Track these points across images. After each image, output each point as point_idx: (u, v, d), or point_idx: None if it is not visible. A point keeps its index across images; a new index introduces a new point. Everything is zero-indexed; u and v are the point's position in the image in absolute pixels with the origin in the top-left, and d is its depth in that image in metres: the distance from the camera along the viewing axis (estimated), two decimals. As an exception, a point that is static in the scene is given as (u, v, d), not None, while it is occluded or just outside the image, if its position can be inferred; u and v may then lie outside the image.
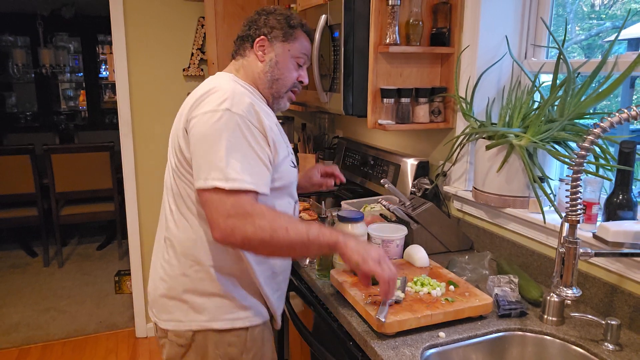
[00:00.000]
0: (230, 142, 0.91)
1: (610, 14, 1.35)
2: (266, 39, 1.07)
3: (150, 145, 2.41)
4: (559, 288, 0.95)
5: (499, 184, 1.27)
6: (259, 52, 1.08)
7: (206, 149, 0.92)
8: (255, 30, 1.08)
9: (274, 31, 1.07)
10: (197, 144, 0.94)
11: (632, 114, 0.82)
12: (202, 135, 0.93)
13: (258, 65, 1.08)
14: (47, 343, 2.49)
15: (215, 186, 0.89)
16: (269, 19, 1.08)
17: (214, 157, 0.91)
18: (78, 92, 5.44)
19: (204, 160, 0.92)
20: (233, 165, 0.90)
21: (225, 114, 0.93)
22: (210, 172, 0.90)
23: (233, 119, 0.93)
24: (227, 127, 0.92)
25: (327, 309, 1.17)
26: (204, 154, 0.92)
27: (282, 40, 1.08)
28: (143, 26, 2.31)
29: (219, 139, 0.91)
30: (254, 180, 0.92)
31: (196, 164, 0.94)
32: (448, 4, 1.42)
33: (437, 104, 1.48)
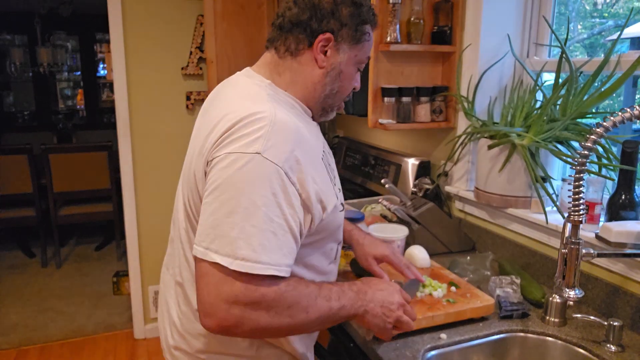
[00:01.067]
0: (253, 203, 0.66)
1: (612, 13, 1.34)
2: (333, 38, 0.79)
3: (148, 144, 2.40)
4: (561, 289, 0.94)
5: (501, 184, 1.26)
6: (319, 54, 0.79)
7: (216, 206, 0.67)
8: (321, 22, 0.77)
9: (344, 29, 0.79)
10: (209, 195, 0.69)
11: (634, 113, 0.81)
12: (216, 185, 0.68)
13: (315, 73, 0.80)
14: (45, 344, 2.47)
15: (215, 262, 0.66)
16: (340, 7, 0.78)
17: (224, 220, 0.66)
18: (76, 91, 5.42)
19: (210, 221, 0.68)
20: (248, 238, 0.66)
21: (254, 160, 0.67)
22: (215, 239, 0.66)
23: (264, 169, 0.67)
24: (253, 179, 0.67)
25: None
26: (212, 212, 0.68)
27: (350, 43, 0.80)
28: (141, 24, 2.30)
29: (237, 196, 0.66)
30: (273, 259, 0.67)
31: (201, 222, 0.69)
32: (449, 2, 1.41)
33: (438, 103, 1.47)
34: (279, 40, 0.81)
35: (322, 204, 0.76)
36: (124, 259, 3.33)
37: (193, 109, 2.44)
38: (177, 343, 0.86)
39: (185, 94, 2.41)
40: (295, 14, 0.79)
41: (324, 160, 0.81)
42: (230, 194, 0.67)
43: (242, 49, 2.08)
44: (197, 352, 0.83)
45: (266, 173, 0.68)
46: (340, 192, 0.87)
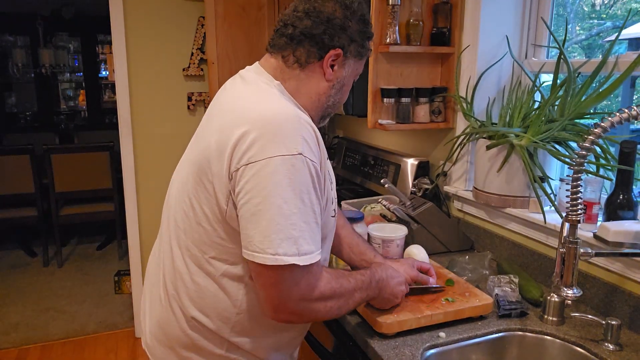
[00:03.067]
0: (302, 201, 0.71)
1: (610, 14, 1.35)
2: (342, 53, 0.81)
3: (150, 145, 2.41)
4: (559, 288, 0.95)
5: (499, 184, 1.27)
6: (328, 68, 0.81)
7: (275, 212, 0.69)
8: (333, 38, 0.80)
9: (352, 45, 0.82)
10: (263, 202, 0.70)
11: (632, 113, 0.82)
12: (268, 192, 0.70)
13: (321, 85, 0.82)
14: (46, 343, 2.48)
15: (290, 264, 0.70)
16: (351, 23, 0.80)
17: (286, 224, 0.70)
18: (78, 92, 5.44)
19: (272, 227, 0.70)
20: (303, 233, 0.71)
21: (298, 161, 0.70)
22: (282, 244, 0.70)
23: (307, 168, 0.71)
24: (301, 180, 0.70)
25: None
26: (272, 218, 0.70)
27: (355, 57, 0.84)
28: (143, 26, 2.31)
29: (292, 198, 0.70)
30: (317, 246, 0.74)
31: (260, 230, 0.71)
32: (448, 3, 1.42)
33: (437, 103, 1.48)
34: (287, 50, 0.82)
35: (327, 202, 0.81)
36: (125, 259, 3.34)
37: (194, 110, 2.46)
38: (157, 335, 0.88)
39: (187, 95, 2.43)
40: (308, 27, 0.80)
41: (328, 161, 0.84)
42: (286, 198, 0.70)
43: (243, 50, 2.10)
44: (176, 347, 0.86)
45: (310, 171, 0.72)
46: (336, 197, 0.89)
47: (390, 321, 0.94)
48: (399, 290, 0.94)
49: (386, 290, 0.91)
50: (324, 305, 0.77)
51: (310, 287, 0.75)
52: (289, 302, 0.74)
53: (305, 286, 0.74)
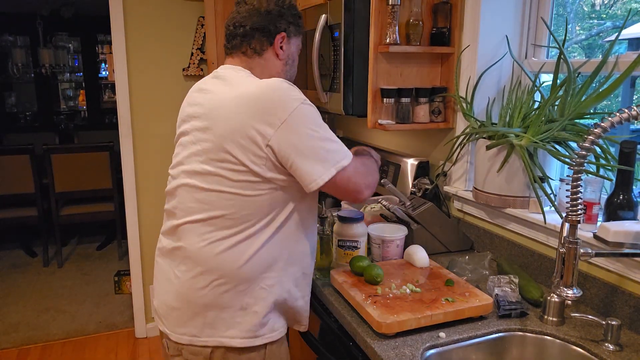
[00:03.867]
0: (322, 126, 0.94)
1: (610, 14, 1.34)
2: (286, 35, 1.02)
3: (149, 145, 2.41)
4: (559, 288, 0.95)
5: (499, 184, 1.27)
6: (279, 50, 1.01)
7: (316, 142, 0.92)
8: (275, 25, 1.00)
9: (290, 26, 1.02)
10: (305, 141, 0.91)
11: (632, 113, 0.82)
12: (304, 135, 0.91)
13: (277, 64, 1.03)
14: (46, 343, 2.49)
15: (344, 166, 0.94)
16: (284, 11, 1.01)
17: (328, 145, 0.93)
18: (78, 92, 5.44)
19: (323, 152, 0.92)
20: (338, 142, 0.95)
21: (302, 105, 0.92)
22: (335, 156, 0.93)
23: (311, 108, 0.94)
24: (312, 113, 0.93)
25: (327, 309, 1.16)
26: (319, 147, 0.92)
27: (295, 35, 1.05)
28: (143, 26, 2.31)
29: (318, 125, 0.93)
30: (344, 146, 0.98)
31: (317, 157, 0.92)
32: (448, 3, 1.42)
33: (437, 103, 1.48)
34: (244, 45, 1.02)
35: None
36: (126, 259, 3.35)
37: (194, 110, 2.45)
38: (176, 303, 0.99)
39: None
40: (254, 22, 1.00)
41: None
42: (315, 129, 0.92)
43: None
44: (198, 307, 0.97)
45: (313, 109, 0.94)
46: None
47: (390, 321, 0.94)
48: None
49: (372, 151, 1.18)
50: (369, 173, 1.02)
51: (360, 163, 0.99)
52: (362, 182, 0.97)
53: (360, 165, 0.99)
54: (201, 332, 0.97)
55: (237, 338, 0.96)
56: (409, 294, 1.05)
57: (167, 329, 1.01)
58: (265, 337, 0.99)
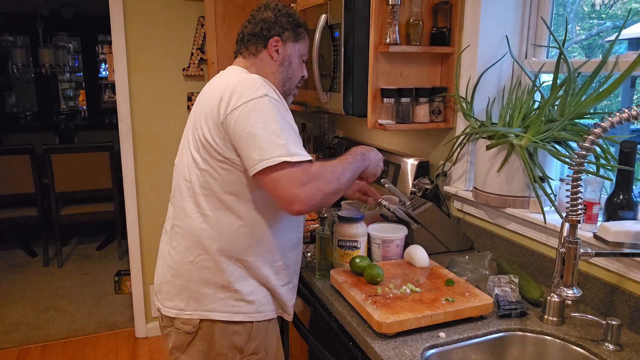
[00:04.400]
0: (280, 123, 0.96)
1: (610, 14, 1.35)
2: (280, 39, 1.11)
3: (150, 145, 2.41)
4: (559, 288, 0.95)
5: (499, 184, 1.27)
6: (273, 52, 1.11)
7: (260, 132, 0.94)
8: (268, 31, 1.11)
9: (285, 32, 1.12)
10: (248, 130, 0.95)
11: (632, 113, 0.82)
12: (251, 122, 0.95)
13: (272, 65, 1.12)
14: (47, 343, 2.49)
15: (283, 161, 0.93)
16: (279, 18, 1.11)
17: (272, 137, 0.94)
18: (78, 92, 5.44)
19: (262, 142, 0.94)
20: (290, 142, 0.95)
21: (265, 99, 0.97)
22: (274, 150, 0.93)
23: (273, 103, 0.98)
24: (272, 110, 0.96)
25: (327, 309, 1.16)
26: (259, 137, 0.94)
27: (292, 41, 1.13)
28: (143, 26, 2.31)
29: (271, 120, 0.95)
30: (304, 152, 0.98)
31: (252, 149, 0.95)
32: (448, 3, 1.42)
33: (437, 103, 1.48)
34: (243, 49, 1.14)
35: None
36: (126, 259, 3.35)
37: (194, 110, 2.45)
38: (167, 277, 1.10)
39: (187, 95, 2.43)
40: (251, 29, 1.12)
41: None
42: (265, 121, 0.96)
43: (242, 50, 2.09)
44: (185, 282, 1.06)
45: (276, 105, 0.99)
46: None
47: (390, 321, 0.94)
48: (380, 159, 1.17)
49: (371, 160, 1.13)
50: (323, 179, 0.97)
51: (304, 172, 0.95)
52: (294, 190, 0.93)
53: (300, 173, 0.94)
54: (187, 306, 1.06)
55: (219, 312, 1.05)
56: (409, 293, 1.05)
57: (159, 303, 1.12)
58: (249, 315, 1.07)
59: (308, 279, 1.26)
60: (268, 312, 1.10)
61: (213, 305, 1.05)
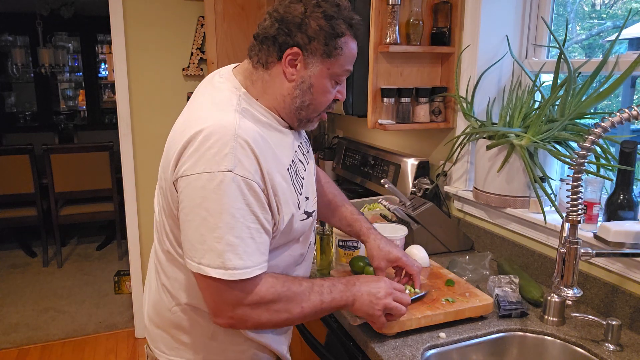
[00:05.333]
0: (232, 216, 0.72)
1: (611, 14, 1.34)
2: (301, 53, 0.78)
3: (149, 145, 2.41)
4: (559, 288, 0.95)
5: (499, 184, 1.27)
6: (287, 67, 0.79)
7: (199, 223, 0.72)
8: (287, 36, 0.78)
9: (312, 43, 0.78)
10: (190, 213, 0.73)
11: (632, 113, 0.81)
12: (196, 205, 0.72)
13: (284, 86, 0.80)
14: (46, 343, 2.48)
15: (210, 276, 0.72)
16: (308, 20, 0.77)
17: (209, 236, 0.72)
18: (77, 91, 5.43)
19: (196, 237, 0.73)
20: (233, 248, 0.72)
21: (226, 178, 0.71)
22: (205, 255, 0.72)
23: (236, 184, 0.72)
24: (229, 196, 0.71)
25: (327, 309, 1.16)
26: (196, 229, 0.72)
27: (321, 56, 0.79)
28: (142, 26, 2.31)
29: (218, 212, 0.71)
30: (256, 261, 0.74)
31: (188, 239, 0.74)
32: (448, 3, 1.42)
33: (437, 103, 1.48)
34: (253, 51, 0.83)
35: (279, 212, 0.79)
36: (125, 259, 3.34)
37: (194, 110, 2.45)
38: (151, 316, 0.94)
39: (187, 95, 2.43)
40: (265, 27, 0.80)
41: (289, 171, 0.83)
42: (211, 211, 0.72)
43: (242, 50, 2.09)
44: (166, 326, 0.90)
45: (240, 187, 0.72)
46: (310, 200, 0.89)
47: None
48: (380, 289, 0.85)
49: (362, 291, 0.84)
50: (268, 310, 0.76)
51: (246, 292, 0.74)
52: (224, 307, 0.75)
53: (240, 292, 0.74)
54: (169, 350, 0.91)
55: None
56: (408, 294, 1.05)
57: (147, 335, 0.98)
58: None
59: (308, 279, 1.26)
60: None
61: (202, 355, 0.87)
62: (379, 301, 0.84)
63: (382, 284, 0.86)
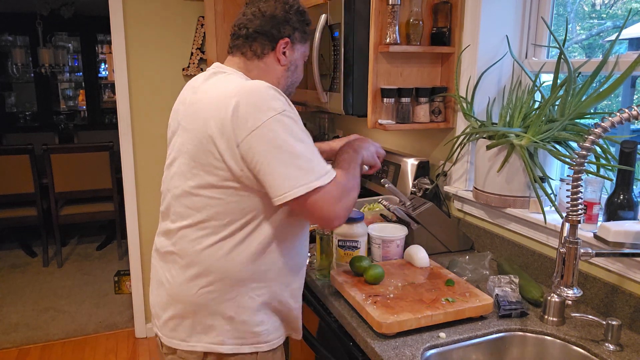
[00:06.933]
0: (300, 141, 0.88)
1: (611, 14, 1.34)
2: (289, 41, 0.99)
3: (149, 145, 2.41)
4: (559, 288, 0.95)
5: (499, 184, 1.27)
6: (281, 55, 0.99)
7: (286, 158, 0.87)
8: (279, 30, 0.98)
9: (296, 33, 1.00)
10: (273, 156, 0.87)
11: (632, 113, 0.82)
12: (275, 146, 0.86)
13: (278, 69, 1.00)
14: (46, 343, 2.48)
15: (317, 187, 0.87)
16: (290, 16, 0.98)
17: (299, 161, 0.87)
18: (77, 91, 5.43)
19: (291, 169, 0.87)
20: (317, 161, 0.90)
21: (280, 118, 0.87)
22: (305, 176, 0.87)
23: (289, 119, 0.89)
24: (289, 129, 0.88)
25: (327, 309, 1.16)
26: (286, 163, 0.87)
27: (300, 42, 1.02)
28: (142, 26, 2.31)
29: (292, 143, 0.87)
30: (328, 166, 0.92)
31: (280, 178, 0.87)
32: (448, 3, 1.42)
33: (437, 103, 1.48)
34: (245, 47, 1.00)
35: None
36: (125, 259, 3.35)
37: (194, 110, 2.45)
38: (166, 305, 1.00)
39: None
40: (258, 25, 0.98)
41: None
42: (288, 145, 0.87)
43: (242, 50, 2.09)
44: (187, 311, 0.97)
45: (291, 119, 0.89)
46: None
47: (390, 321, 0.94)
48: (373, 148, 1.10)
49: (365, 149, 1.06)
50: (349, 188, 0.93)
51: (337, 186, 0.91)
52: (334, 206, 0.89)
53: (335, 188, 0.90)
54: (190, 337, 0.97)
55: (224, 345, 0.96)
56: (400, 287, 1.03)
57: (159, 331, 1.03)
58: (254, 347, 0.98)
59: (308, 279, 1.26)
60: (275, 341, 1.02)
61: (220, 338, 0.96)
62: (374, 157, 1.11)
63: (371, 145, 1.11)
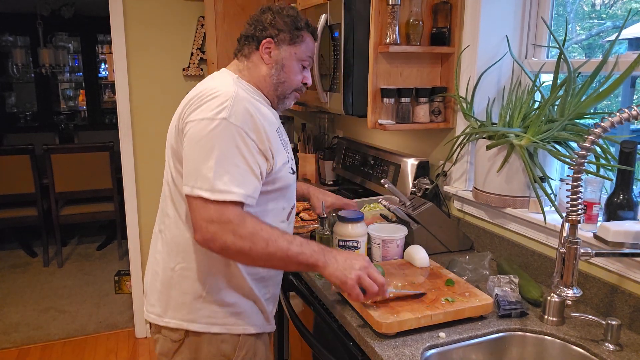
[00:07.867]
0: (223, 153, 0.91)
1: (610, 14, 1.35)
2: (273, 41, 1.05)
3: (150, 145, 2.41)
4: (559, 288, 0.95)
5: (499, 184, 1.27)
6: (265, 54, 1.06)
7: (197, 156, 0.92)
8: (262, 32, 1.05)
9: (280, 34, 1.05)
10: (190, 149, 0.94)
11: (632, 113, 0.82)
12: (195, 142, 0.93)
13: (263, 68, 1.06)
14: (47, 343, 2.49)
15: (199, 196, 0.90)
16: (276, 19, 1.05)
17: (203, 166, 0.91)
18: (78, 91, 5.44)
19: (193, 168, 0.92)
20: (221, 177, 0.90)
21: (221, 124, 0.92)
22: (197, 180, 0.91)
23: (229, 129, 0.92)
24: (221, 137, 0.91)
25: (327, 309, 1.16)
26: (194, 161, 0.93)
27: (288, 43, 1.06)
28: (143, 26, 2.31)
29: (212, 148, 0.91)
30: (241, 191, 0.92)
31: (186, 169, 0.94)
32: (448, 3, 1.42)
33: (437, 103, 1.48)
34: (238, 51, 1.11)
35: (272, 157, 0.99)
36: (126, 259, 3.35)
37: (194, 110, 2.45)
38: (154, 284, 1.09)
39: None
40: (247, 30, 1.09)
41: (278, 132, 1.04)
42: (207, 148, 0.92)
43: (242, 50, 2.09)
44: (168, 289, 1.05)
45: (231, 132, 0.93)
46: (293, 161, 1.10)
47: (390, 321, 0.94)
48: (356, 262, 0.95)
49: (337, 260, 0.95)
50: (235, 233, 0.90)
51: (220, 212, 0.90)
52: (202, 222, 0.90)
53: (215, 211, 0.90)
54: (164, 313, 1.05)
55: (196, 323, 1.03)
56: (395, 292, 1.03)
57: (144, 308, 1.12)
58: (227, 327, 1.04)
59: (308, 279, 1.26)
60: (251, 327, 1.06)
61: (191, 315, 1.03)
62: (352, 271, 0.94)
63: (360, 259, 0.97)
